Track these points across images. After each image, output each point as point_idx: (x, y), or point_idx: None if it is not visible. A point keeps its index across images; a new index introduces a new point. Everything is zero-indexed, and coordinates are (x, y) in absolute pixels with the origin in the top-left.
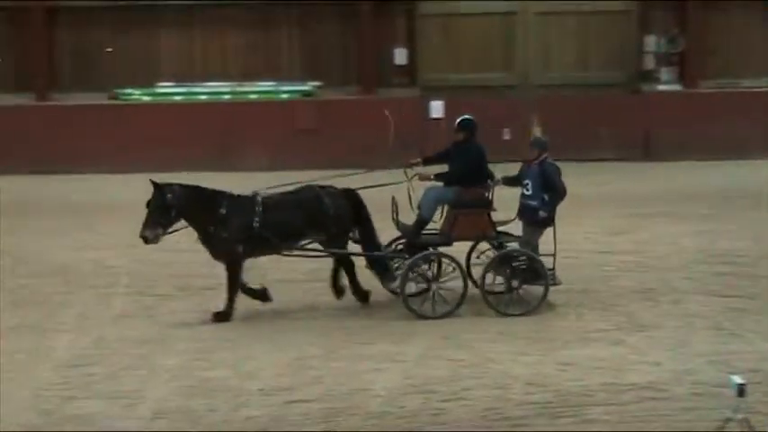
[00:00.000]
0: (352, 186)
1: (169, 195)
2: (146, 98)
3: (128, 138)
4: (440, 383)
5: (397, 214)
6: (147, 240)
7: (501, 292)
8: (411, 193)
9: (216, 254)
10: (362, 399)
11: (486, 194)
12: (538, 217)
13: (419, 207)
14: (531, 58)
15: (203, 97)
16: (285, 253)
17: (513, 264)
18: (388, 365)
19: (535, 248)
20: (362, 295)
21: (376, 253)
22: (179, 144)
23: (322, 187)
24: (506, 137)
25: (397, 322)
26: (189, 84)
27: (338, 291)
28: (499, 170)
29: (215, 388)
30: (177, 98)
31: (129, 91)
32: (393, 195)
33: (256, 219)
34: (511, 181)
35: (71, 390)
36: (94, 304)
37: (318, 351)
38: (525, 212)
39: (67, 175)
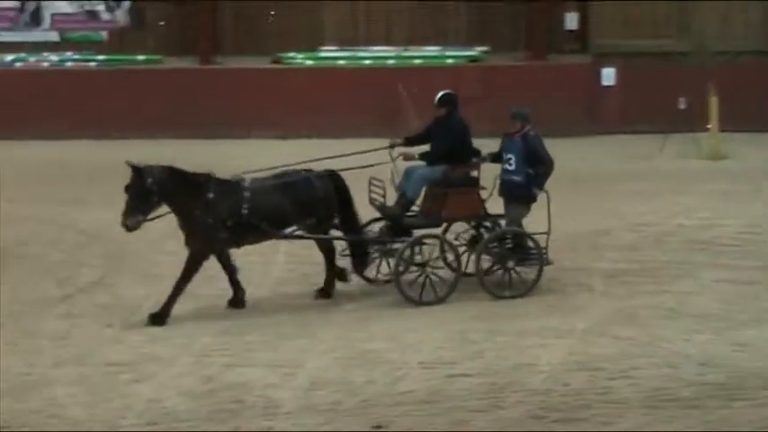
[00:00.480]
0: (331, 166)
1: (149, 179)
2: (309, 62)
3: (290, 102)
4: (607, 361)
5: (384, 196)
6: (128, 229)
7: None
8: (395, 174)
9: (197, 242)
10: (526, 375)
11: (475, 172)
12: (528, 193)
13: (398, 188)
14: (709, 24)
15: (367, 62)
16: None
17: (507, 244)
18: (553, 341)
19: (520, 226)
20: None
21: (369, 237)
22: (342, 109)
23: (306, 170)
24: (682, 106)
25: (561, 298)
26: (353, 48)
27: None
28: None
29: (374, 360)
30: (341, 63)
31: (292, 55)
32: (371, 176)
33: (245, 205)
34: (498, 157)
35: (230, 356)
36: (254, 272)
37: (480, 325)
38: (508, 189)
39: (230, 139)
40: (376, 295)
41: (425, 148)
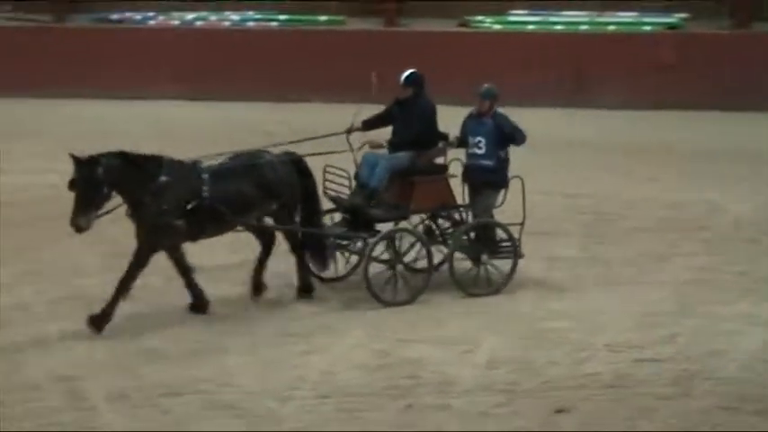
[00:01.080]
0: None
1: (99, 169)
2: (497, 26)
3: (476, 67)
4: None
5: (348, 186)
6: (81, 229)
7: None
8: (357, 163)
9: (147, 231)
10: (719, 362)
11: (441, 158)
12: (500, 179)
13: (356, 177)
14: None
15: (558, 27)
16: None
17: (482, 236)
18: (749, 328)
19: (492, 216)
20: (308, 287)
21: (339, 231)
22: (529, 76)
23: (263, 151)
24: None
25: (759, 282)
26: (544, 12)
27: (258, 286)
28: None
29: (555, 339)
30: (530, 27)
31: (479, 18)
32: (326, 164)
33: (204, 188)
34: (464, 141)
35: (404, 331)
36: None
37: (671, 307)
38: (478, 175)
39: None
40: (554, 270)
41: (386, 131)
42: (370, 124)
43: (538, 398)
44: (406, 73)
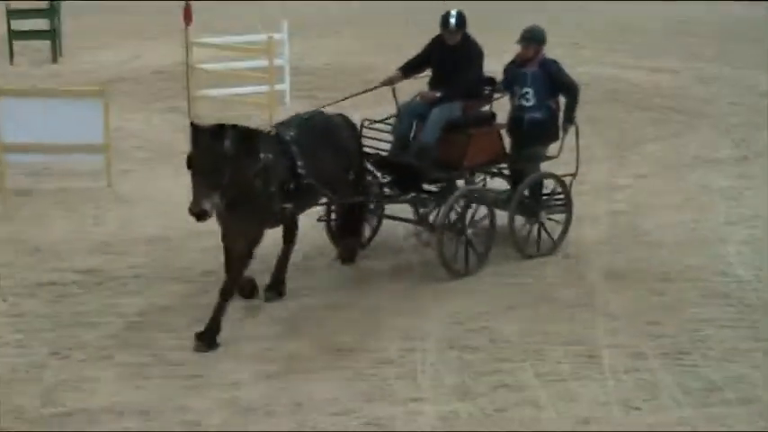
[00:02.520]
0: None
1: (227, 142)
2: None
3: None
4: None
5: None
6: (204, 216)
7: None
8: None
9: (244, 221)
10: None
11: (487, 106)
12: (551, 132)
13: (393, 131)
14: None
15: None
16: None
17: (540, 193)
18: None
19: (539, 170)
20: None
21: (408, 197)
22: None
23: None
24: None
25: None
26: None
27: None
28: None
29: None
30: None
31: None
32: (364, 118)
33: (299, 163)
34: (509, 90)
35: None
36: None
37: None
38: (528, 128)
39: None
40: None
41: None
42: (408, 70)
43: None
44: (454, 13)
